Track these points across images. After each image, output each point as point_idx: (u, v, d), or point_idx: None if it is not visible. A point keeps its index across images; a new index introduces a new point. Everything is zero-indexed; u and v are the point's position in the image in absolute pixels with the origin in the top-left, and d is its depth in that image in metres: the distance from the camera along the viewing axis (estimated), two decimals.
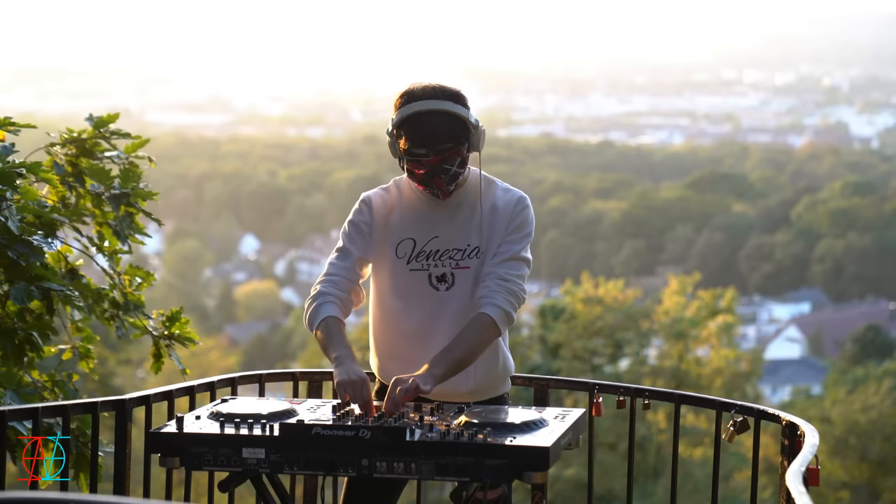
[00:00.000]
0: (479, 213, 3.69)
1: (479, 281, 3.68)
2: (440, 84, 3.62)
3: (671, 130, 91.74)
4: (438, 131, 3.55)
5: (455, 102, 3.58)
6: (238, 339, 47.42)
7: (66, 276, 4.54)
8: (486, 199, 3.72)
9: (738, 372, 24.20)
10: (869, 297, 54.12)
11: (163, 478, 3.95)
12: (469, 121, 3.59)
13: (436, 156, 3.57)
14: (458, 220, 3.70)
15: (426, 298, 3.69)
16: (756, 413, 4.00)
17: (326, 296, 3.67)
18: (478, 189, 3.71)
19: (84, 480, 4.30)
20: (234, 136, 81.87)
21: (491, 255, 3.69)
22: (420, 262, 3.69)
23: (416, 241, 3.70)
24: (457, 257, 3.69)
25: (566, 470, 20.76)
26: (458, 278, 3.69)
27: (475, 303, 3.66)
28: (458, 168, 3.61)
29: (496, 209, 3.71)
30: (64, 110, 68.91)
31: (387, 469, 3.16)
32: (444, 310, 3.68)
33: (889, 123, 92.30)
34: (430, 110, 3.55)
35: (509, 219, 3.70)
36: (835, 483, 22.92)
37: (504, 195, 3.74)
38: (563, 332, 23.59)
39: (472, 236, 3.69)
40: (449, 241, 3.70)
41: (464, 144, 3.60)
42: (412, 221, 3.71)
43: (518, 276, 3.71)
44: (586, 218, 61.31)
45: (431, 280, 3.69)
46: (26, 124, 4.43)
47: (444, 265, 3.69)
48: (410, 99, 3.58)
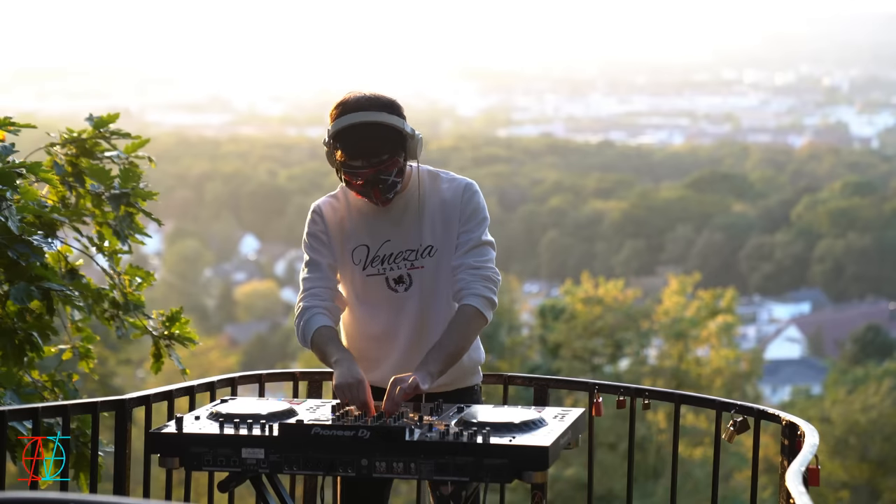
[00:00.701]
0: (427, 212, 3.70)
1: (437, 278, 3.70)
2: (375, 93, 3.60)
3: (671, 130, 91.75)
4: (373, 143, 3.54)
5: (390, 112, 3.57)
6: (238, 339, 47.42)
7: (66, 276, 4.54)
8: (432, 195, 3.72)
9: (738, 372, 24.21)
10: (869, 297, 54.12)
11: (163, 478, 3.95)
12: (404, 130, 3.57)
13: (372, 167, 3.56)
14: (406, 220, 3.71)
15: (386, 301, 3.72)
16: (756, 413, 4.00)
17: (311, 309, 3.69)
18: (422, 187, 3.71)
19: (84, 480, 4.30)
20: (234, 136, 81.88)
21: (451, 249, 3.70)
22: (376, 267, 3.72)
23: (370, 247, 3.72)
24: (411, 258, 3.71)
25: (566, 470, 20.76)
26: (414, 278, 3.71)
27: (455, 296, 3.69)
28: (395, 178, 3.61)
29: (445, 203, 3.72)
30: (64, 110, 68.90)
31: (386, 469, 3.16)
32: (404, 310, 3.71)
33: (889, 123, 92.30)
34: (364, 122, 3.54)
35: (460, 210, 3.70)
36: (835, 483, 22.92)
37: (450, 186, 3.73)
38: (563, 332, 23.60)
39: (424, 235, 3.71)
40: (401, 243, 3.71)
41: (400, 154, 3.59)
42: (362, 227, 3.73)
43: (487, 260, 3.71)
44: (586, 218, 61.31)
45: (389, 283, 3.72)
46: (26, 124, 4.43)
47: (399, 267, 3.71)
48: (345, 110, 3.57)
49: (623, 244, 59.33)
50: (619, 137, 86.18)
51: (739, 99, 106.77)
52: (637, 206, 61.42)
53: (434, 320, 3.72)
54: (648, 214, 60.59)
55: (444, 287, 3.73)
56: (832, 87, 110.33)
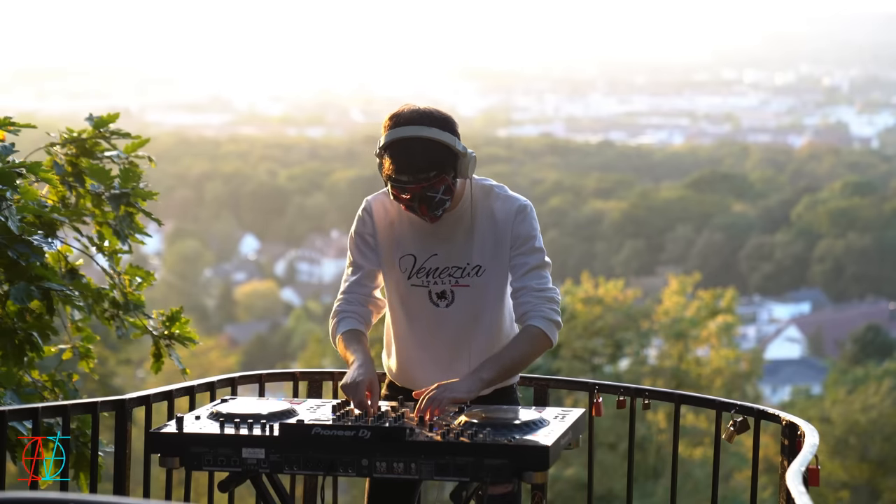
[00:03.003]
0: (477, 230, 3.66)
1: (483, 298, 3.67)
2: (430, 108, 3.56)
3: (671, 130, 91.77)
4: (422, 159, 3.49)
5: (442, 129, 3.51)
6: (238, 339, 47.41)
7: (66, 276, 4.54)
8: (484, 213, 3.68)
9: (738, 372, 24.19)
10: (869, 297, 54.11)
11: (163, 478, 3.95)
12: (455, 148, 3.52)
13: (419, 183, 3.51)
14: (456, 237, 3.68)
15: (427, 313, 3.70)
16: (756, 413, 4.00)
17: (343, 313, 3.73)
18: (474, 205, 3.67)
19: (84, 480, 4.30)
20: (234, 136, 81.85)
21: (500, 271, 3.68)
22: (420, 279, 3.70)
23: (416, 258, 3.70)
24: (456, 275, 3.68)
25: (566, 470, 20.75)
26: (457, 295, 3.68)
27: (520, 319, 3.67)
28: (443, 195, 3.56)
29: (495, 221, 3.67)
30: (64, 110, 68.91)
31: (386, 469, 3.16)
32: (443, 326, 3.70)
33: (889, 123, 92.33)
34: (414, 136, 3.49)
35: (512, 234, 3.66)
36: (835, 483, 22.91)
37: (503, 206, 3.68)
38: (563, 332, 23.48)
39: (471, 254, 3.67)
40: (447, 259, 3.68)
41: (449, 173, 3.53)
42: (412, 237, 3.70)
43: (547, 282, 3.68)
44: (586, 218, 61.31)
45: (431, 297, 3.69)
46: (26, 124, 4.42)
47: (443, 283, 3.68)
48: (397, 123, 3.52)
49: (623, 244, 59.32)
50: (619, 137, 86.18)
51: (739, 99, 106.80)
52: (637, 206, 61.41)
53: (472, 341, 3.70)
54: (648, 214, 60.59)
55: (487, 309, 3.70)
56: (832, 87, 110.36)
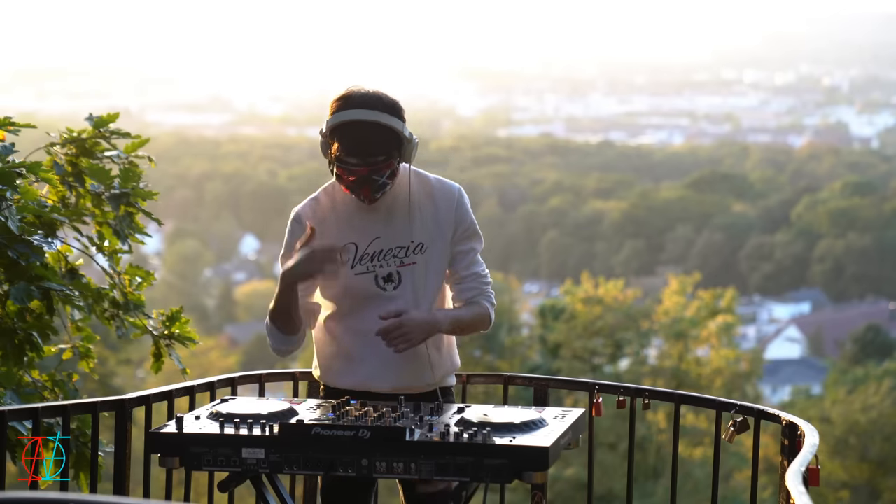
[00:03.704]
0: (416, 209, 3.69)
1: (426, 275, 3.70)
2: (378, 92, 3.58)
3: (671, 130, 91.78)
4: (372, 143, 3.53)
5: (391, 114, 3.54)
6: (238, 339, 47.39)
7: (66, 275, 4.53)
8: (421, 193, 3.71)
9: (738, 372, 24.21)
10: (869, 297, 54.12)
11: (163, 478, 3.94)
12: (402, 133, 3.56)
13: (367, 166, 3.55)
14: (396, 218, 3.70)
15: (374, 299, 3.69)
16: (756, 413, 4.00)
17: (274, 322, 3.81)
18: (410, 185, 3.69)
19: (84, 480, 4.29)
20: (234, 136, 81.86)
21: (441, 248, 3.70)
22: (364, 265, 3.70)
23: (358, 245, 3.70)
24: (401, 255, 3.69)
25: (566, 470, 20.76)
26: (404, 276, 3.70)
27: (463, 300, 3.74)
28: (386, 179, 3.60)
29: (434, 201, 3.71)
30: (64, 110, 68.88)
31: (386, 469, 3.16)
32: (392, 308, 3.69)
33: (889, 123, 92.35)
34: (365, 121, 3.52)
35: (456, 216, 3.71)
36: (835, 483, 22.92)
37: (441, 187, 3.73)
38: (563, 332, 23.59)
39: (414, 232, 3.69)
40: (391, 240, 3.69)
41: (395, 157, 3.58)
42: (350, 226, 3.70)
43: (486, 271, 3.81)
44: (586, 218, 61.30)
45: (378, 281, 3.70)
46: (26, 124, 4.42)
47: (388, 264, 3.70)
48: (347, 105, 3.54)
49: (623, 244, 59.32)
50: (619, 137, 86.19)
51: (739, 99, 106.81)
52: (637, 206, 61.41)
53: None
54: (648, 214, 60.59)
55: (431, 286, 3.72)
56: (832, 87, 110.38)
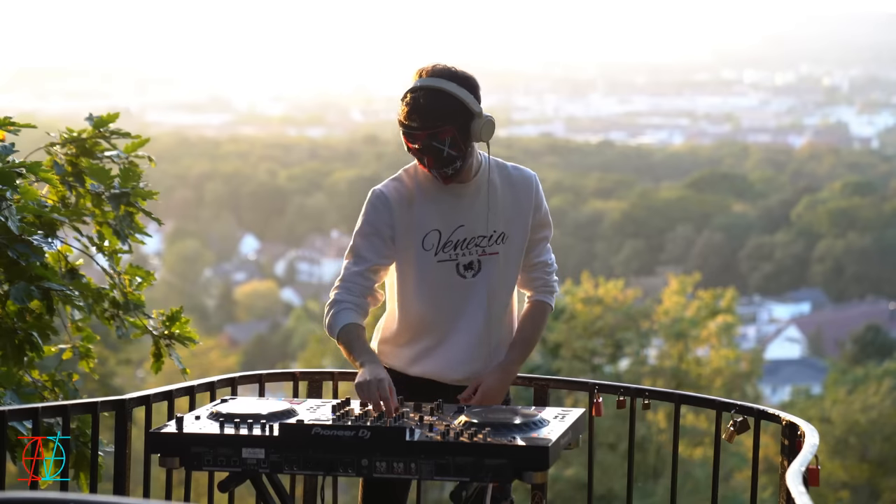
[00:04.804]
0: (498, 198, 3.73)
1: (506, 265, 3.75)
2: (455, 67, 3.65)
3: (671, 130, 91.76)
4: (430, 106, 3.55)
5: (459, 85, 3.60)
6: (238, 339, 47.39)
7: (66, 275, 4.53)
8: (502, 182, 3.76)
9: (738, 372, 24.18)
10: (869, 297, 54.09)
11: (163, 478, 3.94)
12: (467, 104, 3.60)
13: (425, 130, 3.56)
14: (478, 206, 3.72)
15: (452, 288, 3.72)
16: (756, 413, 4.00)
17: (343, 303, 3.67)
18: (492, 173, 3.74)
19: (84, 480, 4.29)
20: (234, 136, 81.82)
21: (520, 237, 3.76)
22: (447, 253, 3.71)
23: (441, 232, 3.70)
24: (483, 244, 3.72)
25: (566, 470, 20.74)
26: (484, 264, 3.73)
27: (535, 290, 3.85)
28: (450, 149, 3.60)
29: (516, 191, 3.77)
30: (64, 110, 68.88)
31: (386, 469, 3.16)
32: (470, 297, 3.72)
33: (889, 123, 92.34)
34: (429, 86, 3.57)
35: (534, 203, 3.77)
36: (835, 483, 22.91)
37: (518, 174, 3.80)
38: (563, 332, 23.57)
39: (496, 222, 3.73)
40: (474, 228, 3.72)
41: (456, 125, 3.59)
42: (434, 212, 3.71)
43: (552, 257, 3.91)
44: (586, 218, 61.28)
45: (459, 269, 3.72)
46: (26, 124, 4.42)
47: (470, 253, 3.72)
48: (420, 75, 3.63)
49: (623, 244, 59.31)
50: (619, 137, 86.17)
51: (739, 99, 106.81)
52: (637, 206, 61.40)
53: (497, 307, 3.76)
54: (648, 214, 60.57)
55: (510, 275, 3.77)
56: (832, 87, 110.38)
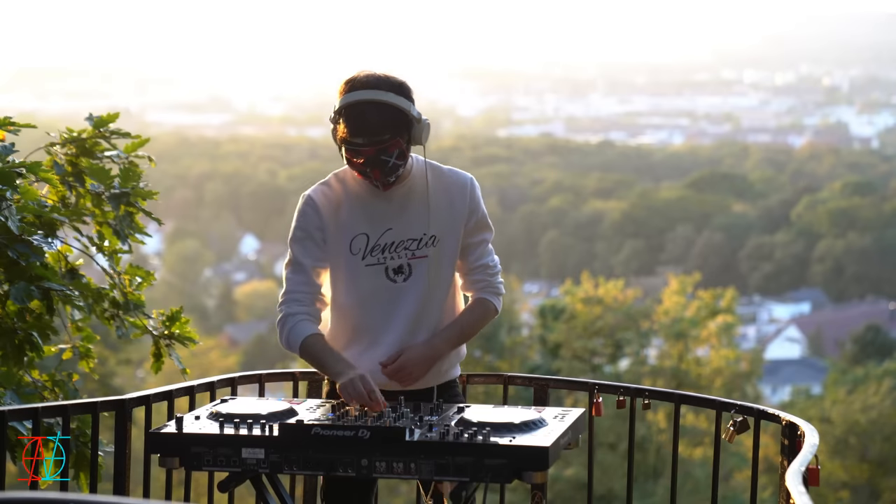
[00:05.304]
0: (432, 201, 3.67)
1: (438, 268, 3.68)
2: (385, 73, 3.59)
3: (671, 130, 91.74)
4: (376, 122, 3.51)
5: (397, 94, 3.54)
6: (238, 339, 47.38)
7: (66, 275, 4.53)
8: (435, 185, 3.69)
9: (738, 372, 24.20)
10: (869, 297, 54.09)
11: (163, 478, 3.94)
12: (410, 113, 3.55)
13: (373, 146, 3.52)
14: (409, 209, 3.68)
15: (383, 292, 3.68)
16: (756, 413, 4.00)
17: (295, 316, 3.68)
18: (424, 177, 3.68)
19: (84, 480, 4.29)
20: (234, 136, 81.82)
21: (453, 240, 3.70)
22: (375, 257, 3.67)
23: (370, 236, 3.67)
24: (412, 247, 3.68)
25: (566, 470, 20.75)
26: (414, 268, 3.68)
27: (477, 292, 3.77)
28: (396, 160, 3.57)
29: (450, 193, 3.70)
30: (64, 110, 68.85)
31: (386, 469, 3.16)
32: (400, 302, 3.68)
33: (889, 123, 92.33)
34: (369, 100, 3.52)
35: (469, 207, 3.71)
36: (835, 483, 22.91)
37: (454, 177, 3.73)
38: (563, 332, 23.59)
39: (427, 225, 3.67)
40: (403, 231, 3.67)
41: (403, 136, 3.55)
42: (362, 216, 3.67)
43: (495, 260, 3.81)
44: (586, 218, 61.29)
45: (388, 273, 3.68)
46: (26, 124, 4.42)
47: (399, 256, 3.68)
48: (353, 87, 3.55)
49: (623, 244, 59.31)
50: (619, 137, 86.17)
51: (739, 99, 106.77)
52: (637, 206, 61.40)
53: (429, 312, 3.70)
54: (648, 214, 60.57)
55: (443, 279, 3.71)
56: (832, 87, 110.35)
